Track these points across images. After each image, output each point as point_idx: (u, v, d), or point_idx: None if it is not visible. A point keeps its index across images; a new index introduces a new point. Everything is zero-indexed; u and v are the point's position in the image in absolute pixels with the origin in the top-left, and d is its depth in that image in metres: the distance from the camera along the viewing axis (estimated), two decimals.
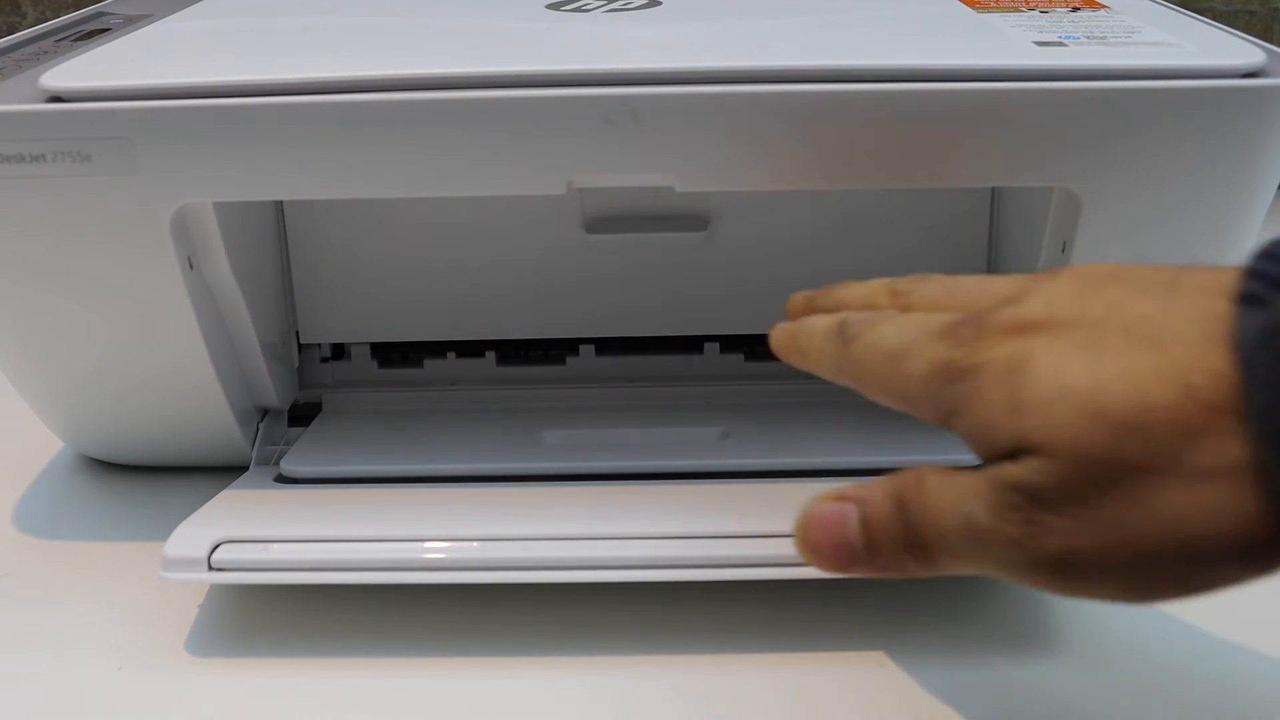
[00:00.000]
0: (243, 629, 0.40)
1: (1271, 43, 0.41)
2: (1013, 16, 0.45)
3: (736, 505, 0.41)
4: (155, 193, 0.39)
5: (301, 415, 0.51)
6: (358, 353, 0.52)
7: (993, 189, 0.49)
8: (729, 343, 0.52)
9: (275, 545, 0.39)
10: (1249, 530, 0.25)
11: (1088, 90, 0.37)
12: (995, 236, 0.49)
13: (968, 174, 0.40)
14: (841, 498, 0.31)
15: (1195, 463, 0.25)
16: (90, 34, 0.49)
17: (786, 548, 0.38)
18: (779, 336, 0.36)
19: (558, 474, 0.44)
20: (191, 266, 0.42)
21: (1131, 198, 0.39)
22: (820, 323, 0.34)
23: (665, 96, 0.38)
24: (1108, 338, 0.27)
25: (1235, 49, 0.40)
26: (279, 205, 0.49)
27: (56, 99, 0.38)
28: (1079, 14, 0.45)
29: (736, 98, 0.38)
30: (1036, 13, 0.45)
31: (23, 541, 0.46)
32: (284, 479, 0.45)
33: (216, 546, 0.39)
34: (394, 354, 0.52)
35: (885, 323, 0.32)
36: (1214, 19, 0.45)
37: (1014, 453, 0.27)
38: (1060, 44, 0.40)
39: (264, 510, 0.42)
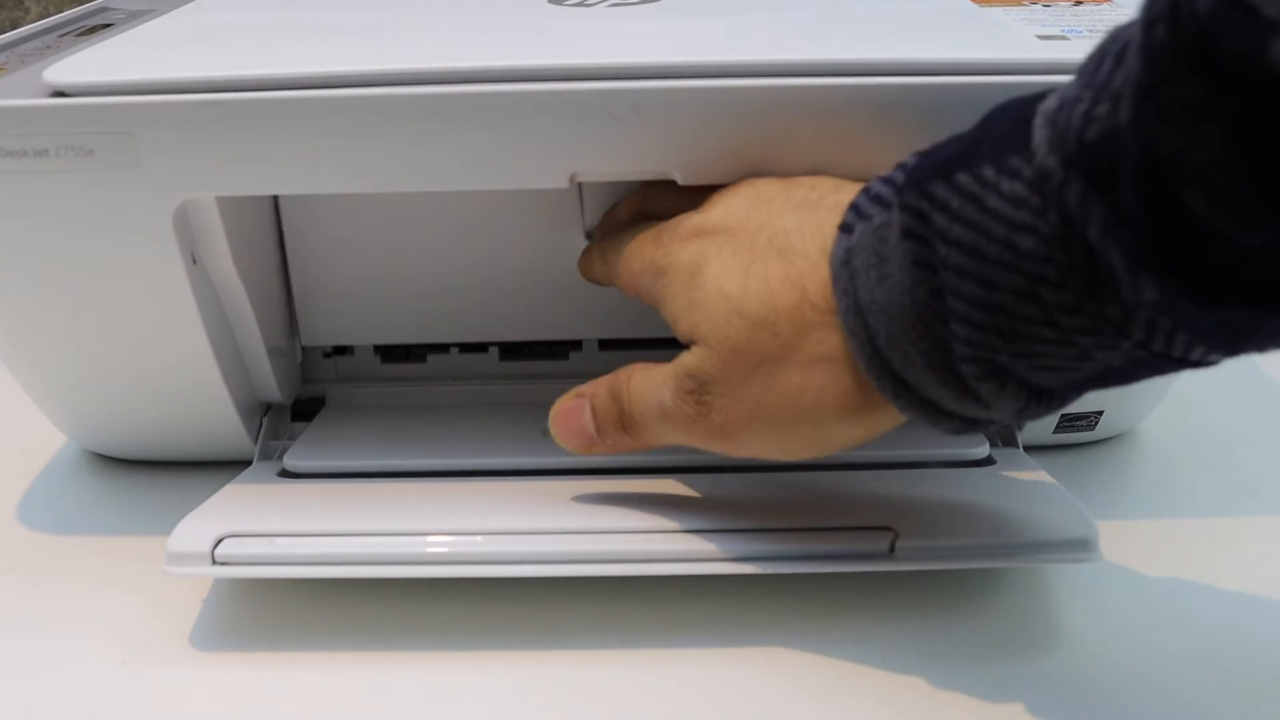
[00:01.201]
0: (246, 623, 0.41)
1: None
2: (1015, 10, 0.45)
3: (738, 499, 0.41)
4: (158, 187, 0.39)
5: (305, 410, 0.51)
6: (361, 348, 0.52)
7: None
8: None
9: (279, 539, 0.39)
10: (848, 400, 0.33)
11: None
12: None
13: None
14: (578, 394, 0.40)
15: (809, 350, 0.33)
16: (93, 29, 0.49)
17: (790, 542, 0.39)
18: (580, 259, 0.45)
19: (560, 469, 0.44)
20: (194, 261, 0.42)
21: None
22: (598, 236, 0.44)
23: (667, 90, 0.38)
24: (758, 248, 0.35)
25: None
26: (276, 206, 0.49)
27: (60, 94, 0.38)
28: (1082, 8, 0.45)
29: (738, 91, 0.38)
30: (1039, 6, 0.45)
31: (27, 536, 0.46)
32: (287, 473, 0.45)
33: (220, 541, 0.39)
34: (397, 350, 0.52)
35: (625, 234, 0.40)
36: None
37: (691, 343, 0.36)
38: (1063, 38, 0.40)
39: (267, 504, 0.42)
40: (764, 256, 0.34)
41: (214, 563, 0.39)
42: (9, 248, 0.41)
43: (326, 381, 0.52)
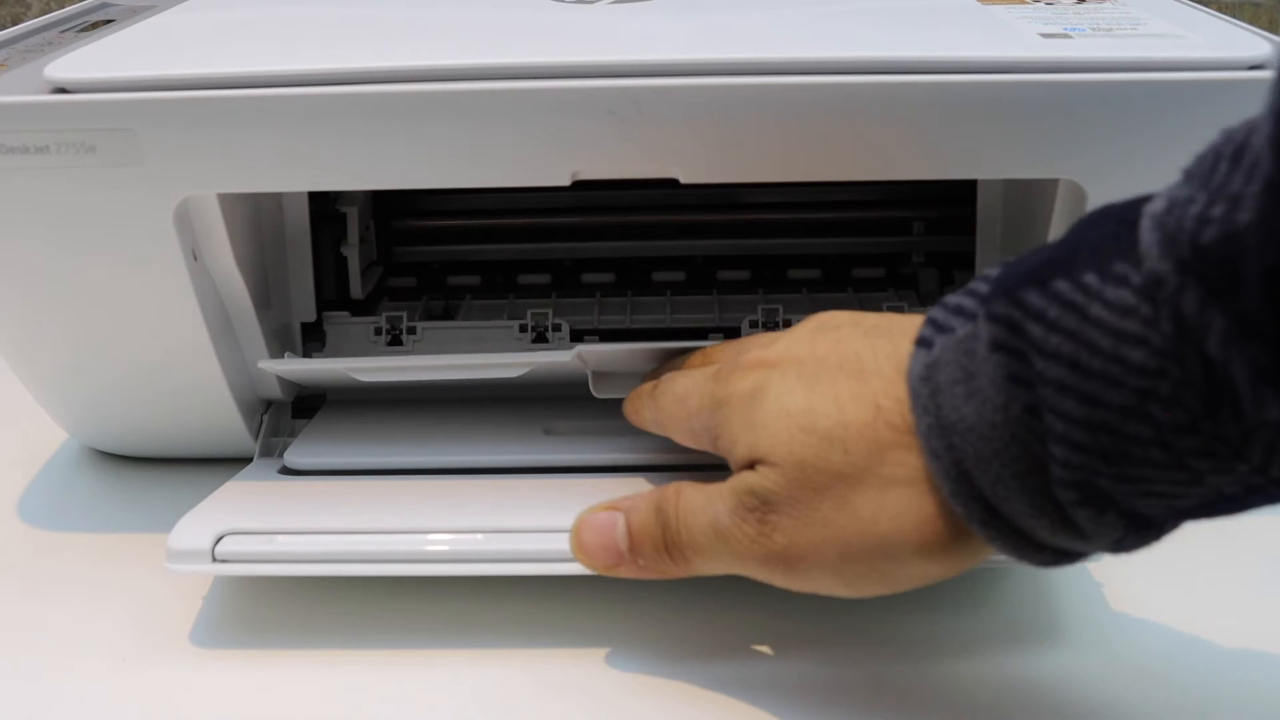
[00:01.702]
0: (247, 620, 0.40)
1: (1277, 35, 0.41)
2: (1018, 9, 0.45)
3: None
4: (159, 184, 0.39)
5: (305, 407, 0.51)
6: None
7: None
8: (730, 333, 0.52)
9: (279, 537, 0.39)
10: (928, 529, 0.30)
11: (1093, 82, 0.37)
12: (1004, 230, 0.49)
13: (973, 166, 0.40)
14: (612, 507, 0.36)
15: (885, 472, 0.31)
16: (95, 25, 0.49)
17: None
18: (625, 405, 0.43)
19: (562, 466, 0.44)
20: (195, 258, 0.42)
21: (1136, 190, 0.39)
22: (645, 387, 0.42)
23: (669, 88, 0.38)
24: (825, 371, 0.33)
25: (1241, 41, 0.40)
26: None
27: (61, 90, 0.38)
28: (1084, 6, 0.45)
29: (740, 89, 0.38)
30: (1042, 4, 0.45)
31: (27, 533, 0.46)
32: (288, 471, 0.45)
33: (221, 538, 0.39)
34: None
35: (680, 376, 0.39)
36: (1219, 11, 0.45)
37: (751, 464, 0.33)
38: (1066, 36, 0.40)
39: (268, 502, 0.42)
40: (832, 377, 0.32)
41: (214, 560, 0.39)
42: (9, 244, 0.41)
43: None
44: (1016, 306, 0.28)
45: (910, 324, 0.32)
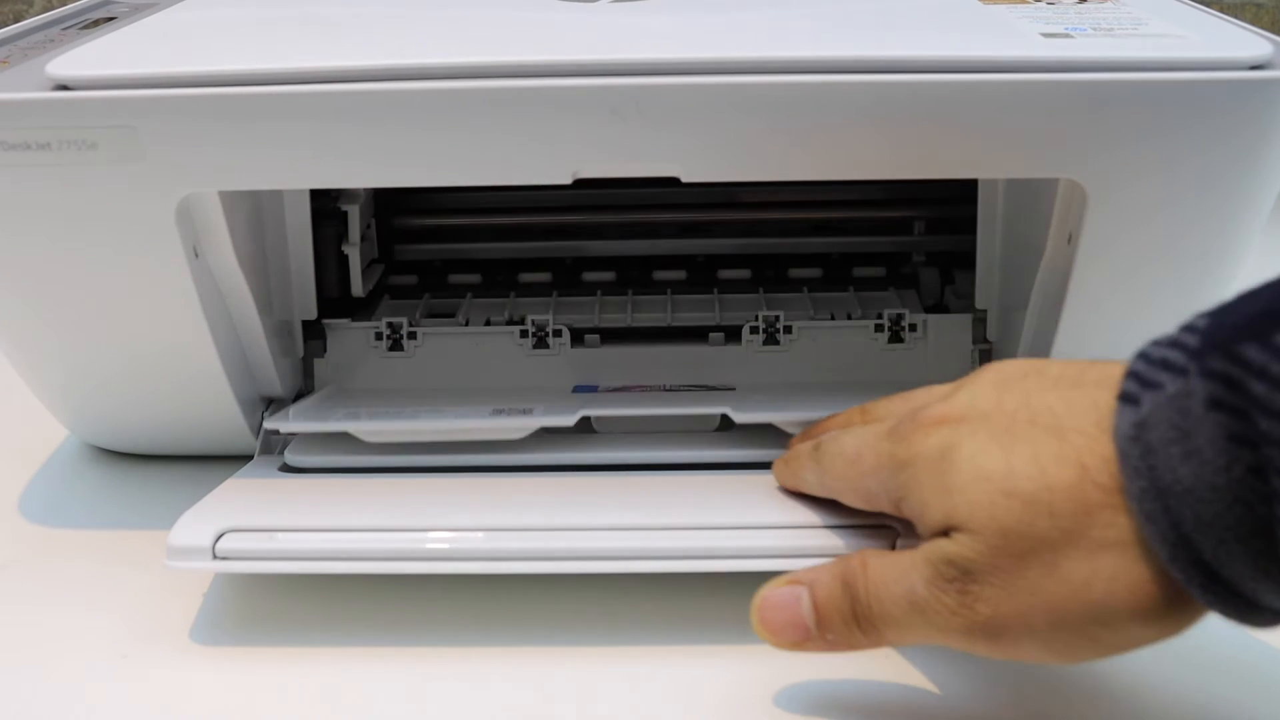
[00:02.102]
0: (247, 617, 0.41)
1: (1278, 36, 0.41)
2: (1019, 8, 0.45)
3: (739, 497, 0.41)
4: (161, 181, 0.39)
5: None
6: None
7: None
8: (731, 332, 0.52)
9: (280, 534, 0.39)
10: (1143, 594, 0.29)
11: (1094, 82, 0.37)
12: (1005, 229, 0.49)
13: (974, 165, 0.40)
14: (794, 581, 0.35)
15: (1095, 535, 0.29)
16: (96, 22, 0.49)
17: (791, 540, 0.39)
18: (777, 467, 0.41)
19: (562, 464, 0.44)
20: (196, 255, 0.42)
21: (1138, 189, 0.39)
22: (804, 447, 0.40)
23: (670, 87, 0.38)
24: (1018, 428, 0.31)
25: (1242, 41, 0.40)
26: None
27: (62, 87, 0.38)
28: (1086, 6, 0.45)
29: (741, 88, 0.38)
30: (1043, 4, 0.45)
31: (28, 530, 0.46)
32: (288, 468, 0.45)
33: (221, 535, 0.39)
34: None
35: (847, 435, 0.37)
36: (1221, 11, 0.45)
37: (946, 530, 0.31)
38: (1067, 36, 0.40)
39: (268, 499, 0.42)
40: (1027, 435, 0.31)
41: (215, 557, 0.39)
42: (10, 241, 0.41)
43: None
44: (1235, 362, 0.27)
45: (1101, 374, 0.31)
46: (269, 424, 0.45)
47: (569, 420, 0.44)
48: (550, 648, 0.39)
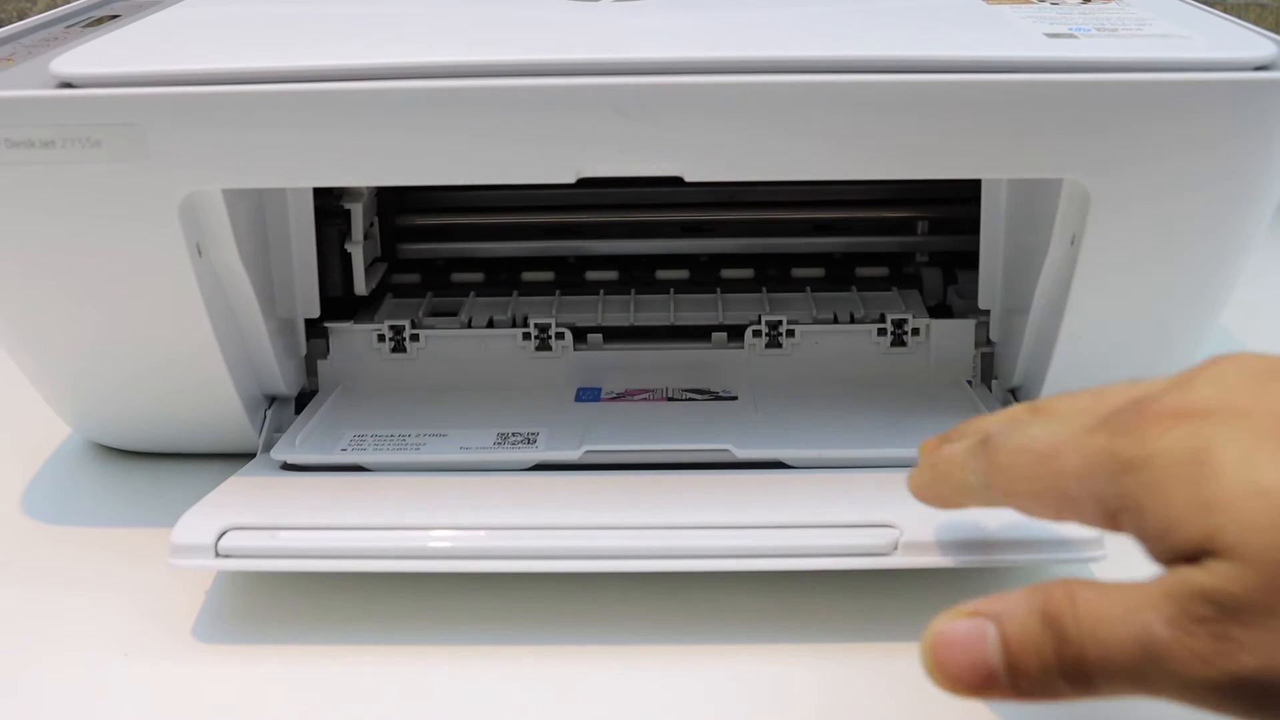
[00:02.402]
0: (250, 615, 0.41)
1: None
2: (1023, 8, 0.45)
3: (740, 496, 0.41)
4: (165, 179, 0.39)
5: (309, 403, 0.51)
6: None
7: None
8: (733, 331, 0.52)
9: (282, 532, 0.39)
10: None
11: (1098, 82, 0.37)
12: (1008, 229, 0.49)
13: (976, 165, 0.40)
14: (976, 613, 0.28)
15: None
16: (100, 20, 0.49)
17: (791, 539, 0.39)
18: (917, 475, 0.34)
19: (563, 464, 0.44)
20: (200, 253, 0.42)
21: (1141, 190, 0.39)
22: (959, 444, 0.32)
23: (674, 86, 0.38)
24: None
25: (1246, 42, 0.40)
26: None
27: (67, 85, 0.38)
28: (1089, 6, 0.45)
29: (746, 88, 0.38)
30: (1047, 4, 0.45)
31: (30, 527, 0.46)
32: (291, 466, 0.45)
33: (224, 533, 0.39)
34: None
35: (1033, 425, 0.30)
36: (1225, 12, 0.45)
37: (1196, 555, 0.25)
38: (1071, 36, 0.40)
39: (271, 497, 0.42)
40: None
41: (217, 555, 0.39)
42: (14, 239, 0.41)
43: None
44: None
45: None
46: (275, 455, 0.45)
47: (573, 455, 0.44)
48: (551, 647, 0.39)
